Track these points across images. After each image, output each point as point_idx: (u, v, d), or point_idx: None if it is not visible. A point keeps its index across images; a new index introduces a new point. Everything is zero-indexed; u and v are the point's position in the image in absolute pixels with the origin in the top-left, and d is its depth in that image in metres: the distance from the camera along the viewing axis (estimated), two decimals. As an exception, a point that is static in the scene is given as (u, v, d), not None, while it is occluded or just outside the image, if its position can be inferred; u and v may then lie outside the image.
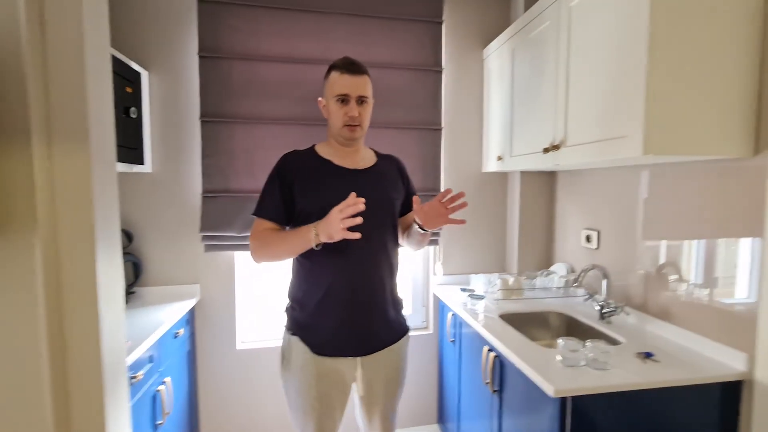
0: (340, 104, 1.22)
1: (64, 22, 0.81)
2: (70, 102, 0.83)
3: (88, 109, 0.84)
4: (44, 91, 0.81)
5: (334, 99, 1.23)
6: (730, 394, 1.17)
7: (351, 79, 1.21)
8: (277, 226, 1.26)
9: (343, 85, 1.21)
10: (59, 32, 0.81)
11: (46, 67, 0.81)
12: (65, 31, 0.81)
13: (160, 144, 1.88)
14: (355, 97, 1.22)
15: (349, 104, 1.22)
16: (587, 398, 1.10)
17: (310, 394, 1.24)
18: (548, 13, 1.52)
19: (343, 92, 1.21)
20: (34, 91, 0.78)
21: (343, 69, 1.22)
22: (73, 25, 0.82)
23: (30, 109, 0.78)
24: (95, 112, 0.86)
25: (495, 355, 1.46)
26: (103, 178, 0.89)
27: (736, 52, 1.11)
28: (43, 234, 0.80)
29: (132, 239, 1.87)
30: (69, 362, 0.85)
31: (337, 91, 1.22)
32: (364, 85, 1.23)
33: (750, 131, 1.13)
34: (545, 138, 1.55)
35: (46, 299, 0.81)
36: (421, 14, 2.00)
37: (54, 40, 0.81)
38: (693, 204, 1.30)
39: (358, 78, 1.22)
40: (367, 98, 1.25)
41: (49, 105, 0.81)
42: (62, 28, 0.81)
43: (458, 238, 2.19)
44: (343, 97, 1.22)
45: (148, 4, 1.83)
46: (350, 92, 1.21)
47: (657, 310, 1.46)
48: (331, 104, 1.25)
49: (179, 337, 1.72)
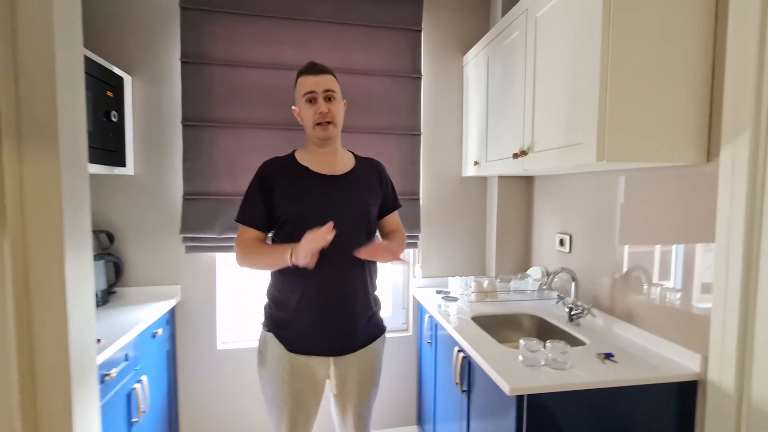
0: (309, 104, 1.27)
1: (35, 25, 0.83)
2: (40, 104, 0.85)
3: (57, 111, 0.87)
4: (14, 95, 0.83)
5: (303, 100, 1.28)
6: (685, 394, 1.21)
7: (315, 78, 1.26)
8: (259, 232, 1.31)
9: (308, 85, 1.26)
10: (29, 36, 0.83)
11: (17, 70, 0.83)
12: (36, 35, 0.83)
13: (143, 147, 1.91)
14: (322, 94, 1.26)
15: (317, 102, 1.26)
16: (544, 397, 1.13)
17: (284, 390, 1.28)
18: (518, 23, 1.57)
19: (309, 89, 1.26)
20: (4, 95, 0.81)
21: (306, 71, 1.28)
22: (44, 29, 0.84)
23: (0, 113, 0.81)
24: (65, 115, 0.89)
25: (464, 356, 1.49)
26: (73, 180, 0.91)
27: (688, 64, 1.15)
28: (11, 234, 0.82)
29: (113, 240, 1.90)
30: (36, 360, 0.87)
31: (304, 90, 1.27)
32: (329, 81, 1.28)
33: (702, 139, 1.18)
34: (515, 144, 1.59)
35: (14, 299, 0.84)
36: (400, 22, 2.05)
37: (24, 43, 0.83)
38: (656, 209, 1.34)
39: (322, 76, 1.27)
40: (335, 93, 1.29)
41: (19, 108, 0.84)
42: (33, 32, 0.83)
43: (438, 242, 2.22)
44: (310, 96, 1.26)
45: (131, 11, 1.87)
46: (316, 89, 1.26)
47: (622, 312, 1.50)
48: (301, 107, 1.30)
49: (158, 337, 1.75)
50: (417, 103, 2.10)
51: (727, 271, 1.09)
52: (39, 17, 0.83)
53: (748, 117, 1.04)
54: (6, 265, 0.82)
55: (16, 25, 0.81)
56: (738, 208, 1.06)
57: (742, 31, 1.05)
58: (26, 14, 0.82)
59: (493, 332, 1.71)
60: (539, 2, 1.41)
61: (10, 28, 0.81)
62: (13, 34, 0.81)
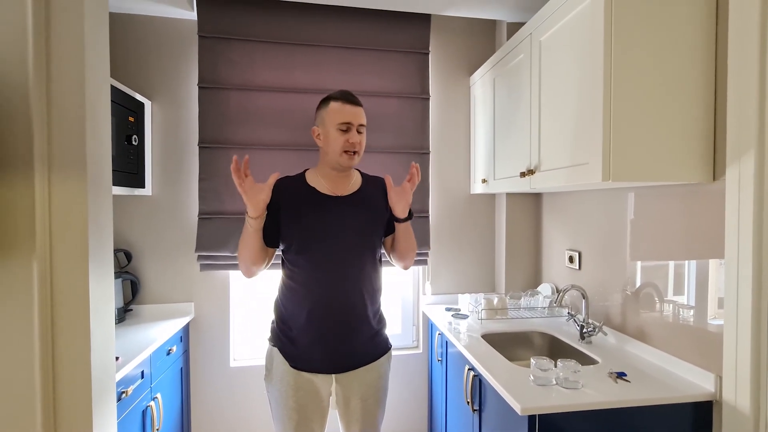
0: (342, 132, 1.30)
1: (68, 64, 0.89)
2: (70, 135, 0.91)
3: (86, 141, 0.92)
4: (47, 127, 0.89)
5: (335, 127, 1.30)
6: (700, 414, 1.19)
7: (353, 109, 1.31)
8: (266, 248, 1.34)
9: (345, 114, 1.30)
10: (62, 70, 0.89)
11: (50, 104, 0.89)
12: (68, 73, 0.90)
13: (160, 168, 1.99)
14: (356, 126, 1.31)
15: (351, 132, 1.31)
16: (556, 416, 1.13)
17: (288, 405, 1.30)
18: (523, 47, 1.62)
19: (347, 120, 1.30)
20: (38, 127, 0.87)
21: (344, 100, 1.32)
22: (76, 67, 0.90)
23: (34, 143, 0.87)
24: (93, 143, 0.94)
25: (474, 374, 1.49)
26: (98, 204, 0.97)
27: (690, 85, 1.18)
28: (40, 256, 0.87)
29: (131, 258, 1.95)
30: (58, 378, 0.91)
31: (340, 119, 1.30)
32: (363, 115, 1.34)
33: (708, 158, 1.19)
34: (522, 163, 1.62)
35: (40, 316, 0.88)
36: (408, 46, 2.11)
37: (57, 81, 0.90)
38: (666, 225, 1.35)
39: (358, 108, 1.33)
40: (365, 128, 1.35)
41: (51, 139, 0.90)
42: (65, 66, 0.89)
43: (447, 259, 2.24)
44: (346, 126, 1.30)
45: (152, 40, 1.97)
46: (353, 120, 1.31)
47: (634, 330, 1.49)
48: (331, 132, 1.31)
49: (172, 354, 1.78)
50: (425, 123, 2.15)
51: (738, 288, 1.09)
52: (71, 52, 0.89)
53: (752, 136, 1.05)
54: (33, 287, 0.87)
55: (50, 59, 0.88)
56: (746, 226, 1.07)
57: (743, 51, 1.08)
58: (59, 49, 0.89)
59: (503, 350, 1.71)
60: (543, 27, 1.46)
61: (45, 62, 0.88)
62: (47, 68, 0.88)
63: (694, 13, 1.17)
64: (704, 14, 1.18)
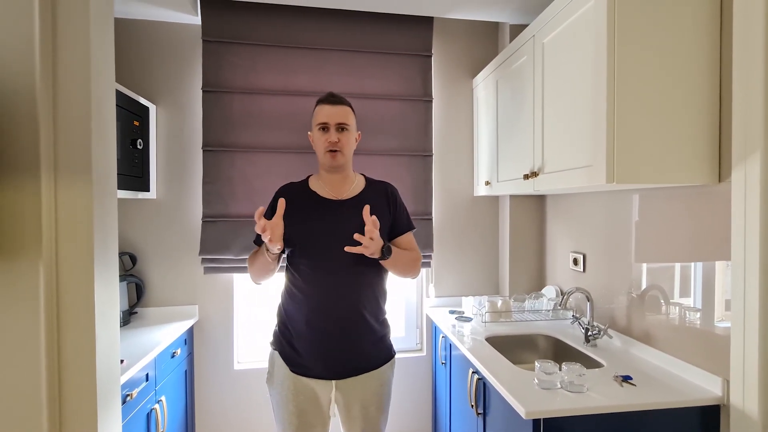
0: (322, 132, 1.33)
1: (74, 69, 0.90)
2: (76, 140, 0.92)
3: (92, 146, 0.93)
4: (53, 131, 0.90)
5: (317, 128, 1.34)
6: (708, 419, 1.18)
7: (331, 109, 1.33)
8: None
9: (323, 115, 1.33)
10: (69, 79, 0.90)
11: (56, 109, 0.90)
12: (74, 78, 0.90)
13: (165, 172, 2.00)
14: (335, 125, 1.32)
15: (329, 131, 1.32)
16: (561, 421, 1.12)
17: (288, 409, 1.30)
18: (525, 48, 1.61)
19: (324, 120, 1.32)
20: (45, 132, 0.88)
21: (324, 101, 1.35)
22: (82, 73, 0.91)
23: (40, 148, 0.87)
24: (98, 148, 0.95)
25: (479, 377, 1.48)
26: (103, 208, 0.97)
27: (695, 87, 1.17)
28: (46, 259, 0.88)
29: (136, 262, 1.96)
30: (64, 380, 0.91)
31: (319, 119, 1.33)
32: (344, 113, 1.34)
33: (713, 160, 1.18)
34: (525, 165, 1.62)
35: (46, 319, 0.88)
36: (411, 48, 2.12)
37: (63, 86, 0.90)
38: (672, 227, 1.34)
39: (338, 107, 1.33)
40: (348, 126, 1.34)
41: (57, 143, 0.91)
42: (72, 76, 0.90)
43: (451, 261, 2.23)
44: (323, 125, 1.33)
45: (156, 45, 1.99)
46: (329, 120, 1.32)
47: (640, 333, 1.47)
48: (315, 133, 1.36)
49: (176, 357, 1.79)
50: (428, 125, 2.15)
51: (745, 289, 1.08)
52: (77, 57, 0.90)
53: (758, 137, 1.04)
54: (39, 290, 0.87)
55: (56, 64, 0.89)
56: (753, 227, 1.06)
57: (748, 52, 1.07)
58: (66, 54, 0.89)
59: (507, 353, 1.70)
60: (546, 29, 1.46)
61: (51, 68, 0.89)
62: (53, 74, 0.89)
63: (698, 14, 1.17)
64: (708, 15, 1.17)
